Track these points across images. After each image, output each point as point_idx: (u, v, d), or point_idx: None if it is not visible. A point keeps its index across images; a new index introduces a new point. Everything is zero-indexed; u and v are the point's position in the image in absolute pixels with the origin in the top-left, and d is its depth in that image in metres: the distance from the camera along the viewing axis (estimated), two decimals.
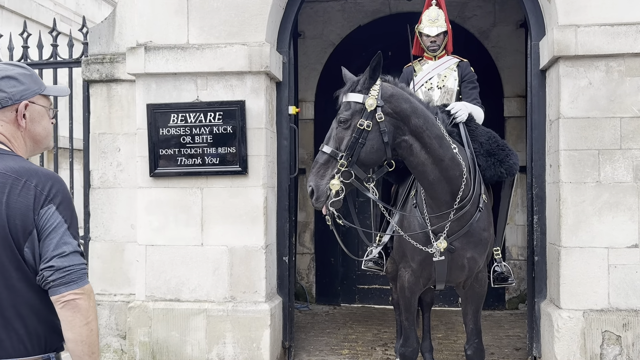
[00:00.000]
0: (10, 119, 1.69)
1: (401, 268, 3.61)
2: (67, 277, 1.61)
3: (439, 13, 4.07)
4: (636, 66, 4.02)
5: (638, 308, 3.99)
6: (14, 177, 1.60)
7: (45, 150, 1.88)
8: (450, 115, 3.64)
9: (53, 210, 1.61)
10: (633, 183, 4.01)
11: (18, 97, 1.69)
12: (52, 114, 1.81)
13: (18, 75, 1.72)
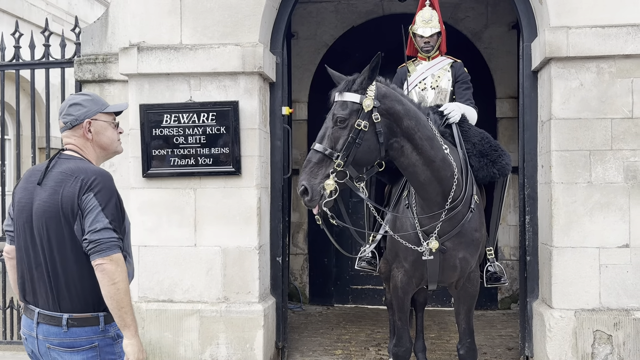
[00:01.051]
0: (80, 134, 2.25)
1: (394, 268, 3.62)
2: (98, 247, 2.06)
3: (433, 14, 4.08)
4: (627, 67, 4.05)
5: (629, 307, 4.03)
6: (69, 174, 2.13)
7: (115, 154, 2.36)
8: (443, 115, 3.66)
9: (91, 196, 2.09)
10: (624, 183, 4.04)
11: (82, 117, 2.23)
12: (115, 126, 2.31)
13: (82, 101, 2.26)
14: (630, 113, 4.05)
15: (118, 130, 2.32)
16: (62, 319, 2.12)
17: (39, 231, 2.13)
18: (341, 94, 3.07)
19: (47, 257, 2.13)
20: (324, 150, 2.94)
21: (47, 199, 2.12)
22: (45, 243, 2.12)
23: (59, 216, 2.10)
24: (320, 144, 2.96)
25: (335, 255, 6.90)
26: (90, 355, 2.15)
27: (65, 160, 2.20)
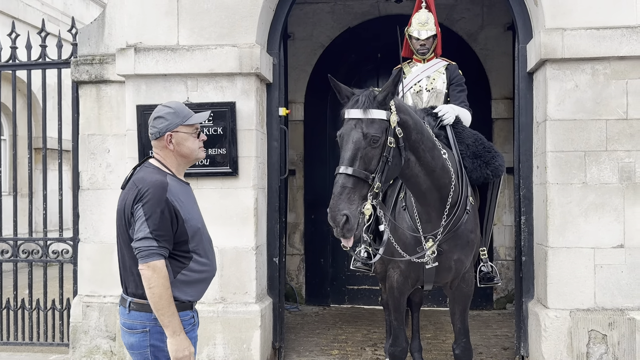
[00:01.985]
0: (163, 145, 2.46)
1: (390, 269, 3.64)
2: (139, 254, 2.31)
3: (429, 16, 4.10)
4: (621, 69, 4.08)
5: (623, 307, 4.05)
6: (134, 184, 2.38)
7: (197, 160, 2.55)
8: (437, 117, 3.68)
9: (140, 206, 2.32)
10: (618, 184, 4.07)
11: (164, 130, 2.44)
12: (197, 135, 2.49)
13: (165, 115, 2.46)
14: (625, 114, 4.08)
15: (200, 138, 2.50)
16: (127, 301, 2.41)
17: (117, 229, 2.48)
18: (367, 111, 2.85)
19: (122, 250, 2.47)
20: (359, 174, 2.74)
21: (120, 203, 2.44)
22: (120, 239, 2.46)
23: (123, 219, 2.40)
24: (352, 167, 2.74)
25: (332, 255, 6.92)
26: (143, 338, 2.39)
27: (142, 169, 2.47)
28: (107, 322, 4.69)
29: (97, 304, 4.72)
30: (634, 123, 4.07)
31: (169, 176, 2.43)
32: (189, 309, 2.44)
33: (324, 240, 6.93)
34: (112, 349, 4.68)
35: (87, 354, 4.70)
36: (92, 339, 4.70)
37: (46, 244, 4.99)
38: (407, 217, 3.45)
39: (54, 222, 6.17)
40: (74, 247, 4.87)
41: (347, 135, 2.82)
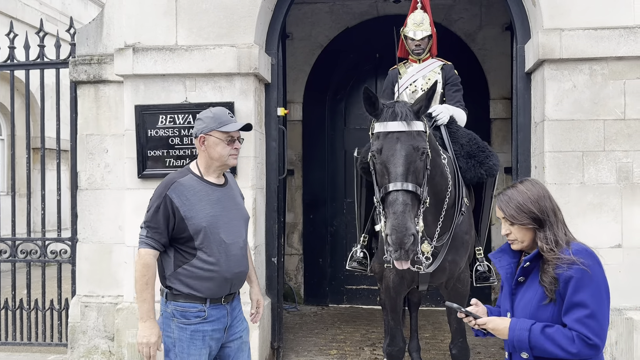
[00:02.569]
0: (197, 145, 2.63)
1: (386, 269, 3.64)
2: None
3: (424, 17, 4.11)
4: (619, 69, 4.09)
5: (621, 307, 4.06)
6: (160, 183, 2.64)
7: (226, 166, 2.64)
8: (431, 117, 3.69)
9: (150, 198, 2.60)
10: (616, 184, 4.08)
11: (199, 132, 2.60)
12: (228, 142, 2.59)
13: (204, 118, 2.62)
14: (623, 114, 4.09)
15: (233, 146, 2.60)
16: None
17: None
18: (410, 123, 2.76)
19: None
20: (415, 189, 2.67)
21: None
22: None
23: None
24: (407, 182, 2.66)
25: (330, 255, 6.92)
26: (160, 322, 2.59)
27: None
28: (105, 322, 4.69)
29: (95, 304, 4.71)
30: (631, 123, 4.08)
31: (189, 175, 2.58)
32: (197, 301, 2.53)
33: (322, 240, 6.94)
34: (110, 349, 4.68)
35: (86, 354, 4.70)
36: (90, 339, 4.70)
37: (44, 244, 4.99)
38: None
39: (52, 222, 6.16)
40: (72, 247, 4.87)
41: (393, 149, 2.70)
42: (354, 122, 6.92)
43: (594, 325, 1.92)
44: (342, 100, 6.99)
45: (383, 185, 2.74)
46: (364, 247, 4.02)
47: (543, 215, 2.04)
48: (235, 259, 2.59)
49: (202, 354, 2.54)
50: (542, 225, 2.04)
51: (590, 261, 1.97)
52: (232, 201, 2.67)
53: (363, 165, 3.75)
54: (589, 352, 1.93)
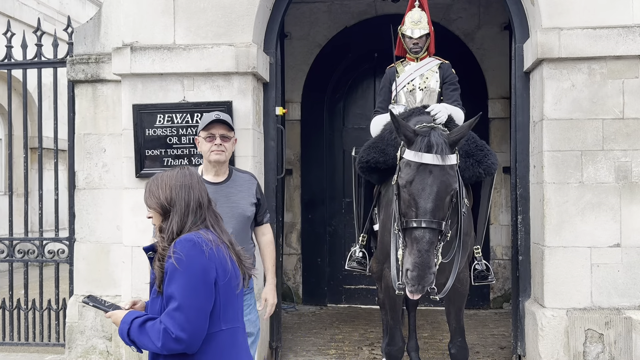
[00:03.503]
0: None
1: (385, 268, 3.63)
2: None
3: (422, 15, 4.10)
4: (618, 68, 4.09)
5: (620, 306, 4.06)
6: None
7: (212, 163, 2.85)
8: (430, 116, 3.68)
9: None
10: (615, 183, 4.08)
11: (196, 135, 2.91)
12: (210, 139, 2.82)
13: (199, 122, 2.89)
14: (621, 114, 4.08)
15: (213, 143, 2.79)
16: None
17: None
18: (445, 157, 2.68)
19: None
20: (441, 226, 2.64)
21: None
22: None
23: None
24: (434, 219, 2.61)
25: (329, 255, 6.91)
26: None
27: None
28: (103, 322, 4.67)
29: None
30: (630, 122, 4.08)
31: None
32: None
33: (321, 240, 6.93)
34: (108, 349, 4.67)
35: (83, 354, 4.69)
36: (88, 339, 4.69)
37: (42, 244, 4.97)
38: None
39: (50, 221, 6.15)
40: (70, 247, 4.85)
41: (425, 182, 2.64)
42: (353, 121, 6.92)
43: (180, 318, 1.83)
44: (340, 99, 6.99)
45: (408, 216, 2.65)
46: (362, 247, 4.01)
47: (170, 203, 1.97)
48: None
49: None
50: (167, 213, 1.97)
51: (192, 251, 1.87)
52: (226, 198, 2.77)
53: (361, 165, 3.75)
54: (174, 346, 1.84)
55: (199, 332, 1.86)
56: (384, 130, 3.80)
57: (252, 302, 2.95)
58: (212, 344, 1.91)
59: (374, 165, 3.66)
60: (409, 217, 2.66)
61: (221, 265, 1.92)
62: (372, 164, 3.66)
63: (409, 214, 2.67)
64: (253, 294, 3.00)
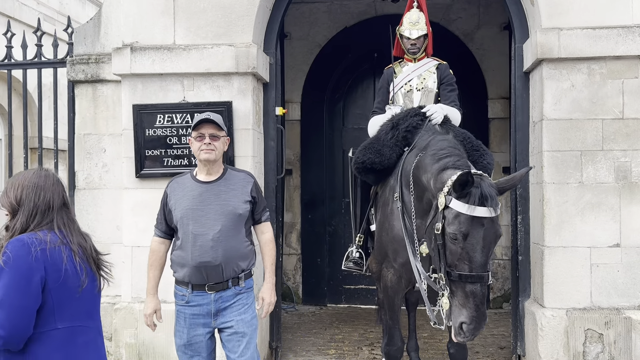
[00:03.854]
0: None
1: (384, 268, 3.64)
2: None
3: (420, 16, 4.11)
4: (617, 69, 4.09)
5: (619, 306, 4.06)
6: None
7: (203, 162, 2.91)
8: (425, 117, 3.69)
9: None
10: (614, 183, 4.08)
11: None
12: (199, 139, 2.89)
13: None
14: (621, 114, 4.09)
15: (203, 142, 2.86)
16: None
17: None
18: (496, 209, 2.67)
19: None
20: (488, 276, 2.66)
21: None
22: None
23: None
24: (485, 272, 2.62)
25: (328, 255, 6.92)
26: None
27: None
28: (103, 322, 4.66)
29: None
30: (630, 122, 4.08)
31: (188, 174, 2.99)
32: (179, 284, 2.95)
33: (320, 240, 6.93)
34: (108, 349, 4.66)
35: None
36: None
37: None
38: (403, 218, 3.42)
39: None
40: None
41: (478, 237, 2.59)
42: (353, 121, 6.92)
43: (0, 315, 1.88)
44: (340, 99, 6.99)
45: (460, 269, 2.61)
46: (359, 247, 4.02)
47: (19, 203, 2.01)
48: (202, 250, 2.82)
49: (183, 331, 2.94)
50: (16, 213, 2.02)
51: (20, 251, 1.92)
52: (216, 196, 2.85)
53: (357, 165, 3.76)
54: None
55: (19, 330, 1.91)
56: (380, 131, 3.82)
57: (249, 302, 2.98)
58: (45, 342, 1.97)
59: (370, 166, 3.68)
60: (460, 270, 2.60)
61: (53, 266, 1.96)
62: (368, 165, 3.68)
63: (459, 266, 2.61)
64: (251, 294, 3.01)
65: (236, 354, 2.92)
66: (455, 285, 2.63)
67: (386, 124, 3.80)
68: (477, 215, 2.58)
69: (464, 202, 2.59)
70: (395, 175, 3.60)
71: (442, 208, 2.66)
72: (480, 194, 2.60)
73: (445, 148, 2.97)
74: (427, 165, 3.00)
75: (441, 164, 2.86)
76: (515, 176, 2.83)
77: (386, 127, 3.77)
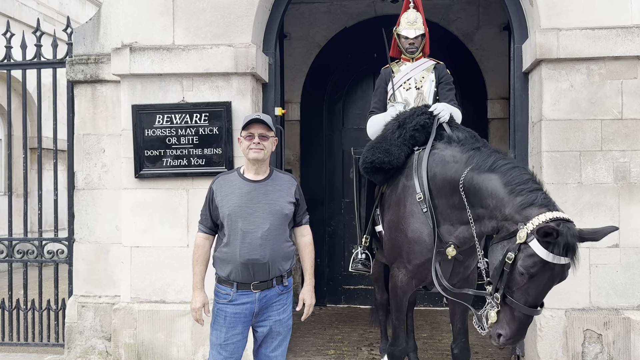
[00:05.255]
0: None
1: (394, 268, 3.60)
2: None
3: (417, 16, 4.12)
4: (616, 69, 4.09)
5: (618, 307, 4.06)
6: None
7: (251, 162, 2.94)
8: (433, 116, 3.69)
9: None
10: (613, 184, 4.08)
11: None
12: (248, 138, 2.92)
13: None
14: (620, 114, 4.09)
15: (252, 141, 2.90)
16: None
17: None
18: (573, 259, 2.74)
19: None
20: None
21: None
22: None
23: None
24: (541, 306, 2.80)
25: (328, 255, 6.92)
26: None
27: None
28: (102, 322, 4.68)
29: (92, 304, 4.71)
30: (628, 123, 4.08)
31: (234, 172, 3.01)
32: (222, 283, 2.92)
33: (320, 240, 6.92)
34: (107, 350, 4.67)
35: (82, 355, 4.69)
36: (87, 339, 4.69)
37: (41, 244, 4.97)
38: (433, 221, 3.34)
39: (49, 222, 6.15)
40: (69, 247, 4.86)
41: (547, 278, 2.67)
42: (352, 122, 6.92)
43: None
44: (340, 100, 6.99)
45: (517, 298, 2.69)
46: (365, 248, 3.99)
47: None
48: (250, 247, 2.82)
49: (222, 330, 2.92)
50: None
51: None
52: (264, 195, 2.90)
53: (366, 165, 3.71)
54: None
55: None
56: (386, 130, 3.79)
57: (289, 302, 3.03)
58: None
59: (379, 166, 3.64)
60: (517, 299, 2.69)
61: None
62: (377, 164, 3.64)
63: (517, 295, 2.69)
64: (291, 294, 3.06)
65: (268, 349, 3.03)
66: (506, 307, 2.74)
67: (392, 123, 3.77)
68: (560, 263, 2.63)
69: (546, 249, 2.61)
70: (408, 175, 3.53)
71: (521, 242, 2.68)
72: (564, 246, 2.61)
73: (527, 181, 2.92)
74: (498, 192, 2.93)
75: (526, 199, 2.81)
76: (599, 231, 2.82)
77: (392, 126, 3.74)
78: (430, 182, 3.34)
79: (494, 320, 2.75)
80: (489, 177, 2.99)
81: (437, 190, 3.31)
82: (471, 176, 3.08)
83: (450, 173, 3.23)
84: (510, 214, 2.81)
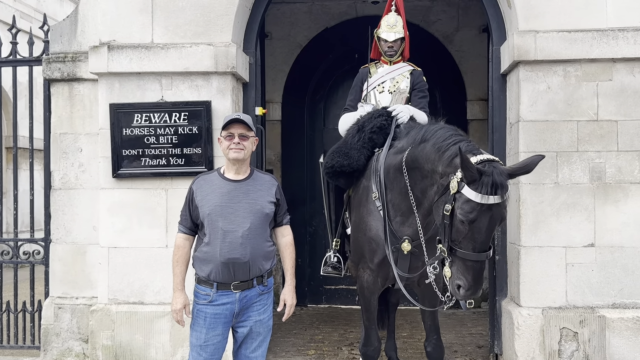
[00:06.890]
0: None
1: (360, 269, 3.65)
2: None
3: (398, 19, 4.15)
4: (592, 71, 4.16)
5: (594, 305, 4.13)
6: None
7: (231, 161, 2.94)
8: (391, 117, 3.74)
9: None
10: (589, 184, 4.15)
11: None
12: (228, 138, 2.93)
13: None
14: (596, 116, 4.15)
15: (232, 141, 2.90)
16: None
17: None
18: (506, 194, 2.77)
19: None
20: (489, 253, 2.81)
21: None
22: None
23: None
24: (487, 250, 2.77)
25: (309, 255, 6.92)
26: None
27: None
28: (79, 324, 4.62)
29: (69, 306, 4.64)
30: (604, 124, 4.15)
31: (215, 172, 3.02)
32: (202, 283, 2.91)
33: (301, 240, 6.92)
34: (84, 351, 4.61)
35: (59, 357, 4.62)
36: (64, 341, 4.63)
37: (17, 245, 4.89)
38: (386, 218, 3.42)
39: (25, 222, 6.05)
40: (45, 248, 4.78)
41: (485, 221, 2.68)
42: (333, 122, 6.91)
43: None
44: (321, 100, 6.99)
45: (464, 247, 2.71)
46: (337, 251, 4.03)
47: None
48: (231, 246, 2.82)
49: (201, 331, 2.91)
50: None
51: None
52: (245, 195, 2.90)
53: (327, 170, 3.79)
54: None
55: None
56: (347, 134, 3.89)
57: (268, 302, 3.03)
58: None
59: (340, 169, 3.72)
60: (464, 248, 2.72)
61: None
62: (338, 168, 3.72)
63: (464, 244, 2.72)
64: (271, 294, 3.07)
65: (248, 350, 3.03)
66: (458, 260, 2.76)
67: (352, 127, 3.88)
68: (491, 203, 2.65)
69: (476, 190, 2.64)
70: (368, 176, 3.63)
71: (454, 192, 2.73)
72: (492, 183, 2.65)
73: (450, 136, 2.99)
74: (430, 154, 3.01)
75: (452, 151, 2.86)
76: (528, 163, 2.88)
77: (352, 130, 3.86)
78: (386, 178, 3.41)
79: (449, 275, 2.77)
80: (422, 146, 3.11)
81: (390, 183, 3.39)
82: (411, 152, 3.20)
83: (397, 159, 3.33)
84: (444, 170, 2.89)
